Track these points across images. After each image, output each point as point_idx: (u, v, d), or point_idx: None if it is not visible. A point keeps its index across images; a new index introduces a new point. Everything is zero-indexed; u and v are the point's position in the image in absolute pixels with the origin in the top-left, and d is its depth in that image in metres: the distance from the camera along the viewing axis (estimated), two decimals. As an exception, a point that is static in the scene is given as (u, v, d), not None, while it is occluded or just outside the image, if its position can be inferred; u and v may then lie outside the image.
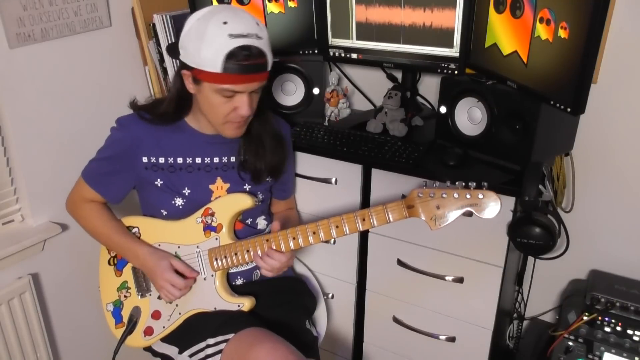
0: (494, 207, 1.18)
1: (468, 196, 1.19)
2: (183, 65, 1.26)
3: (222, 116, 1.27)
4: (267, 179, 1.45)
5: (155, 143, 1.36)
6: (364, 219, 1.26)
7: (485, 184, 1.19)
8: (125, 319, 1.44)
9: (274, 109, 1.64)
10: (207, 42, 1.18)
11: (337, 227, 1.28)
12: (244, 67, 1.19)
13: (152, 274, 1.36)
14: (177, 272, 1.35)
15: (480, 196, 1.18)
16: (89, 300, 1.82)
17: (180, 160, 1.37)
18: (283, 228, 1.32)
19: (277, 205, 1.60)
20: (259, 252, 1.32)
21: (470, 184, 1.19)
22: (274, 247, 1.31)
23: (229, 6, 1.28)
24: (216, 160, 1.39)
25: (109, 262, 1.47)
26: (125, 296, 1.45)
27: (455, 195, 1.19)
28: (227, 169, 1.40)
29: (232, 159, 1.40)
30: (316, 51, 1.75)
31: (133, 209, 1.48)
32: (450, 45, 1.54)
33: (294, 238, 1.31)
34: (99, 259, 1.49)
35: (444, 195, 1.20)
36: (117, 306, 1.45)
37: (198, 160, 1.38)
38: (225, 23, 1.18)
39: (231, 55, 1.17)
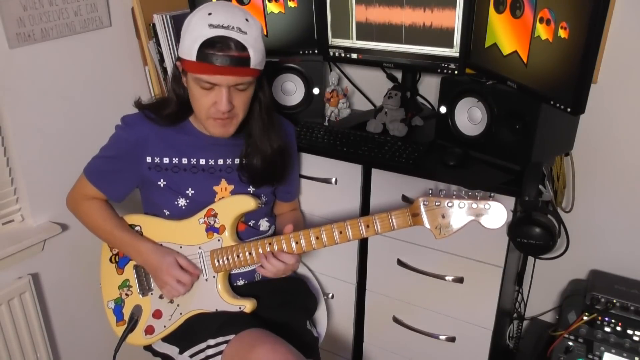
0: (500, 219, 1.17)
1: (474, 206, 1.18)
2: (178, 57, 1.27)
3: (204, 110, 1.26)
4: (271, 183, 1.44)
5: (160, 143, 1.35)
6: (368, 226, 1.26)
7: (493, 194, 1.18)
8: (126, 317, 1.44)
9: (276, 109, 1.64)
10: (189, 31, 1.19)
11: (340, 232, 1.28)
12: (218, 58, 1.17)
13: (156, 271, 1.35)
14: (181, 268, 1.34)
15: (487, 207, 1.17)
16: (89, 300, 1.82)
17: (185, 160, 1.37)
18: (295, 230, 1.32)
19: (280, 207, 1.58)
20: (268, 249, 1.31)
21: (477, 193, 1.18)
22: (276, 249, 1.31)
23: (226, 2, 1.27)
24: (220, 162, 1.39)
25: (110, 260, 1.47)
26: (126, 294, 1.44)
27: (462, 204, 1.18)
28: (231, 171, 1.39)
29: (236, 161, 1.39)
30: (316, 51, 1.75)
31: (134, 207, 1.49)
32: (450, 45, 1.54)
33: (296, 242, 1.30)
34: (99, 257, 1.49)
35: (449, 205, 1.19)
36: (118, 304, 1.45)
37: (202, 161, 1.38)
38: (209, 14, 1.18)
39: (206, 44, 1.16)
